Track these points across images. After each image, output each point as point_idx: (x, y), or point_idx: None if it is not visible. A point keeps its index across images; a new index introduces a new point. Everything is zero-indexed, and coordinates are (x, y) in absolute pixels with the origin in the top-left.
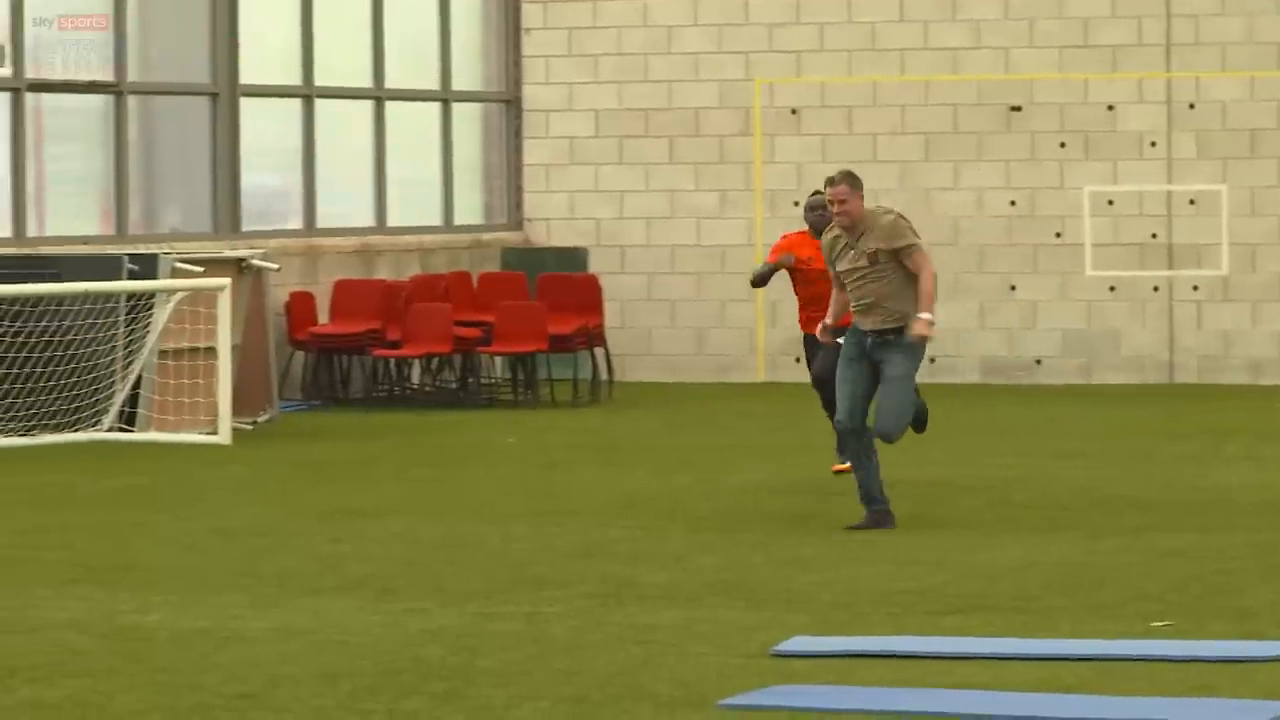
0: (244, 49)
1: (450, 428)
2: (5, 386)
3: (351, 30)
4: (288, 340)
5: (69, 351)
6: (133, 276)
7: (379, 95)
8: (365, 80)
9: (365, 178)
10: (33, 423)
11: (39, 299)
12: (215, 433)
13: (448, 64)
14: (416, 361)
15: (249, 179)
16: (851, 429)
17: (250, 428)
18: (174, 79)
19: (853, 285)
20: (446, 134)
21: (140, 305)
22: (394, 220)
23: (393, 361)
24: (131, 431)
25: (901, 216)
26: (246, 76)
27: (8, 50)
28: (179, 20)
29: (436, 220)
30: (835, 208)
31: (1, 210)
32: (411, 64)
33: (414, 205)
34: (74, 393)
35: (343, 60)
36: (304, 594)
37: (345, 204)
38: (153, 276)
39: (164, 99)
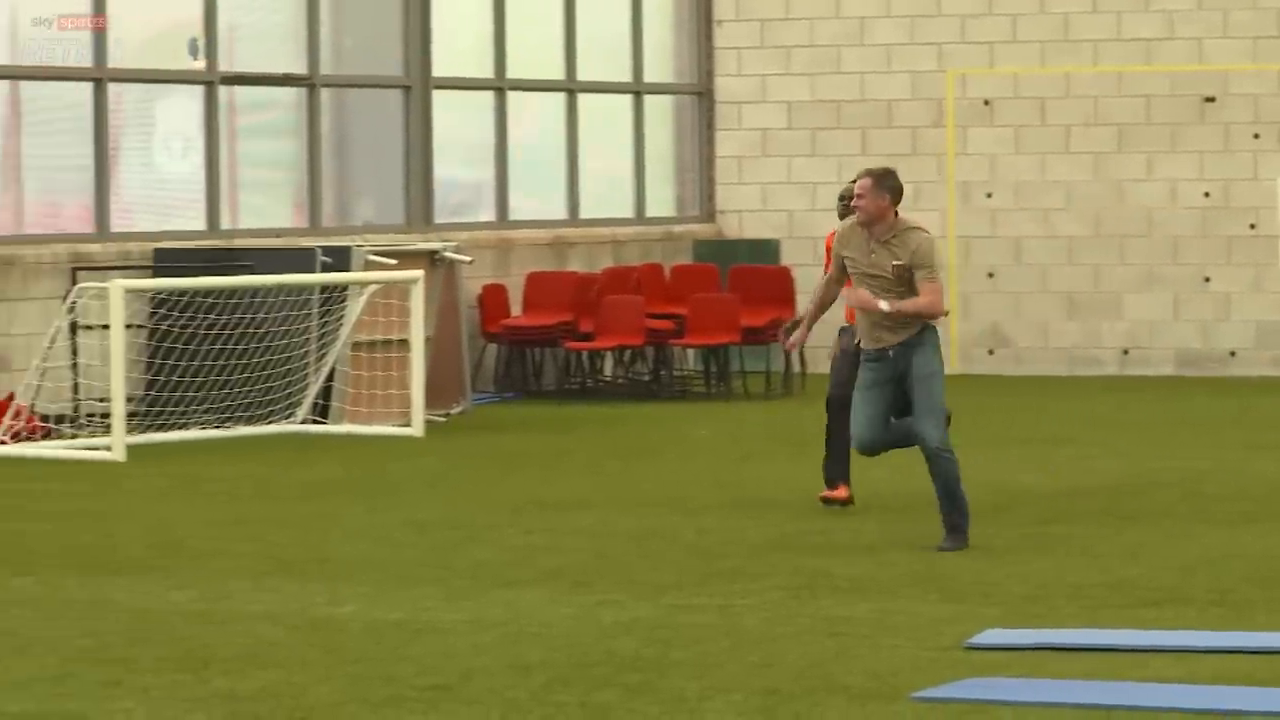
0: (436, 42)
1: (642, 420)
2: (200, 379)
3: (544, 23)
4: (480, 333)
5: (263, 344)
6: (326, 269)
7: (571, 88)
8: (557, 73)
9: (558, 170)
10: (227, 415)
11: (233, 292)
12: (408, 425)
13: (640, 56)
14: (609, 354)
15: (441, 171)
16: (871, 442)
17: (443, 420)
18: (367, 72)
19: (862, 284)
20: (639, 126)
21: (333, 298)
22: (587, 213)
23: (585, 354)
24: (325, 424)
25: (932, 240)
26: (439, 69)
27: (201, 44)
28: (372, 13)
29: (629, 212)
30: (855, 201)
31: (196, 203)
32: (603, 56)
33: (606, 198)
34: (268, 385)
35: (535, 53)
36: (497, 586)
37: (538, 196)
38: (346, 269)
39: (357, 92)
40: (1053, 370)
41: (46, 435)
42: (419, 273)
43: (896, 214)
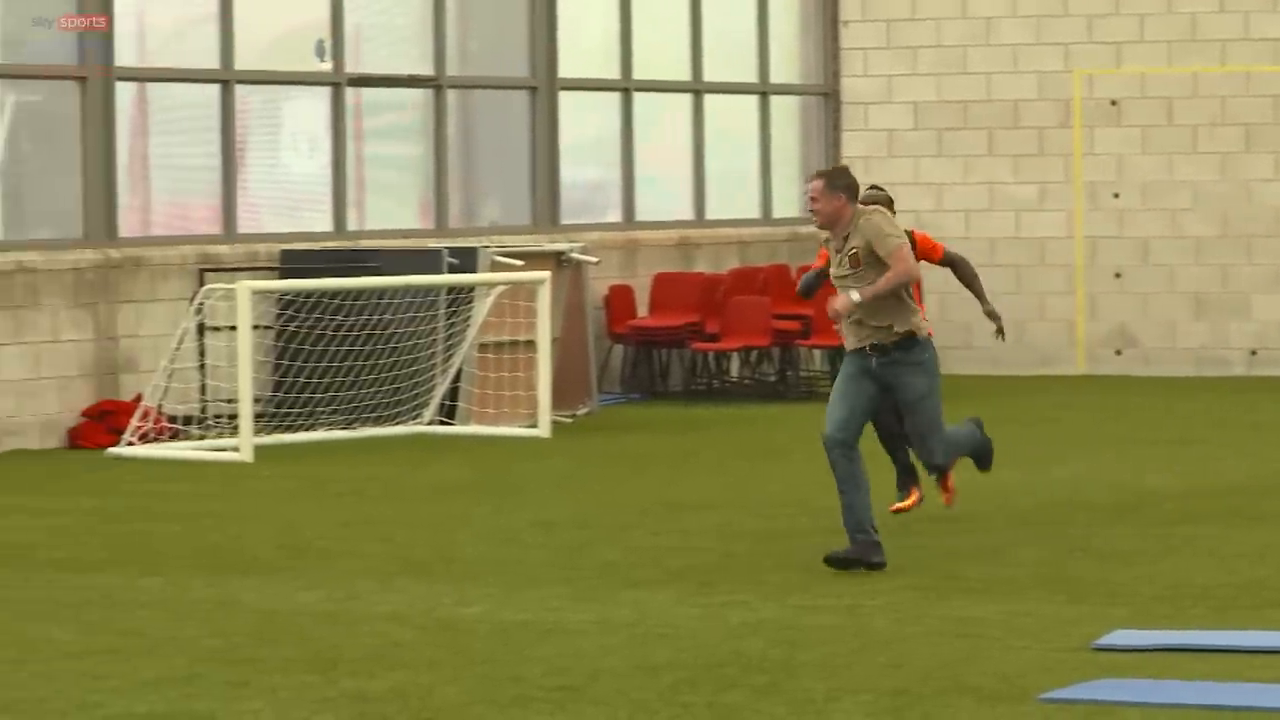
0: (563, 43)
1: (768, 421)
2: (328, 380)
3: (670, 23)
4: (607, 333)
5: (390, 345)
6: (453, 270)
7: (697, 88)
8: (684, 74)
9: (684, 171)
10: (355, 416)
11: (360, 293)
12: (535, 426)
13: (766, 57)
14: (735, 354)
15: (568, 172)
16: (841, 441)
17: (570, 421)
18: (493, 73)
19: (841, 286)
20: (765, 127)
21: (460, 299)
22: (712, 213)
23: (711, 354)
24: (452, 425)
25: (882, 212)
26: (565, 70)
27: (328, 45)
28: (498, 14)
29: (755, 213)
30: (810, 205)
31: (323, 204)
32: (729, 57)
33: (732, 198)
34: (395, 386)
35: (661, 54)
36: (624, 587)
37: (664, 197)
38: (472, 270)
39: (483, 93)
40: (1180, 371)
41: (174, 436)
42: (545, 274)
43: (855, 211)
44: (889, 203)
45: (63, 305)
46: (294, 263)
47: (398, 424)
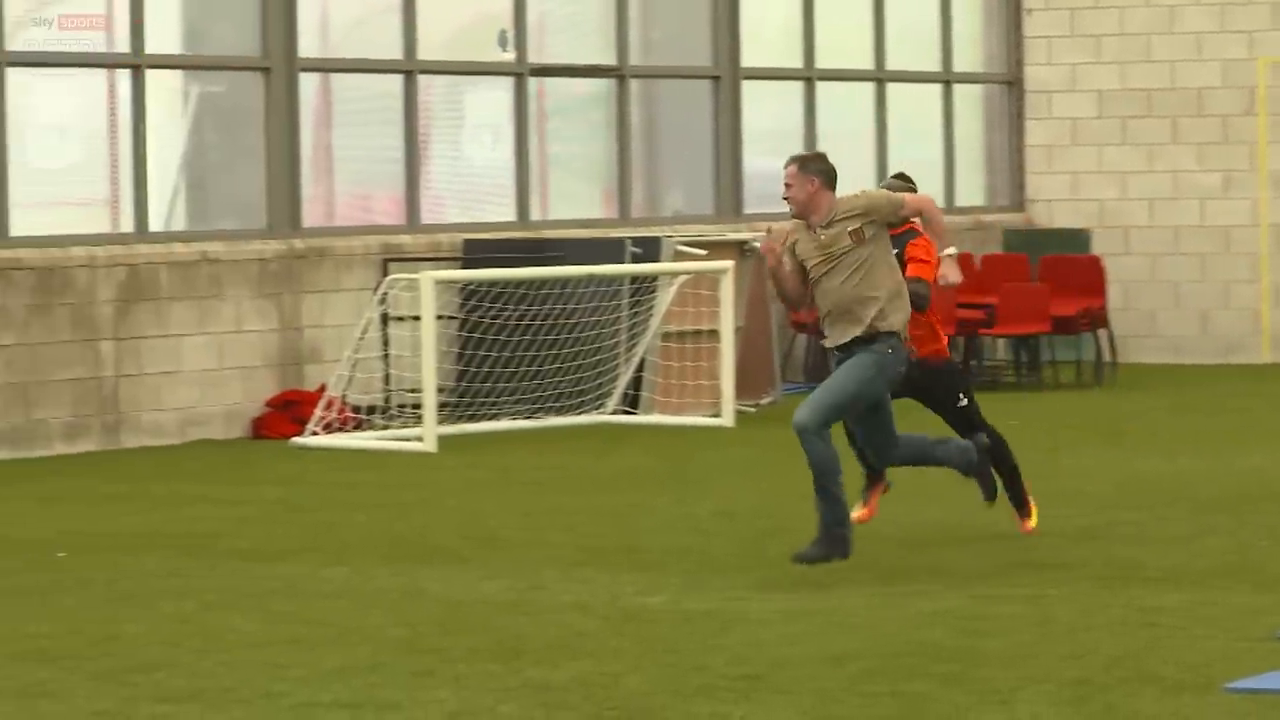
0: (745, 32)
1: None
2: (511, 370)
3: (852, 12)
4: (789, 323)
5: (573, 335)
6: (635, 260)
7: (880, 77)
8: (866, 62)
9: (867, 160)
10: (538, 405)
11: (544, 283)
12: (718, 415)
13: (949, 45)
14: None
15: (751, 162)
16: (805, 426)
17: (753, 410)
18: (675, 62)
19: (824, 279)
20: (948, 115)
21: (643, 288)
22: None
23: None
24: (635, 414)
25: (864, 190)
26: (748, 60)
27: (510, 36)
28: (680, 4)
29: (939, 202)
30: (785, 193)
31: (506, 194)
32: (912, 46)
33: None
34: (578, 376)
35: (843, 42)
36: (807, 576)
37: (847, 185)
38: (655, 259)
39: (666, 82)
40: None
41: (358, 426)
42: (728, 263)
43: (832, 198)
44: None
45: (247, 296)
46: (477, 252)
47: (581, 414)
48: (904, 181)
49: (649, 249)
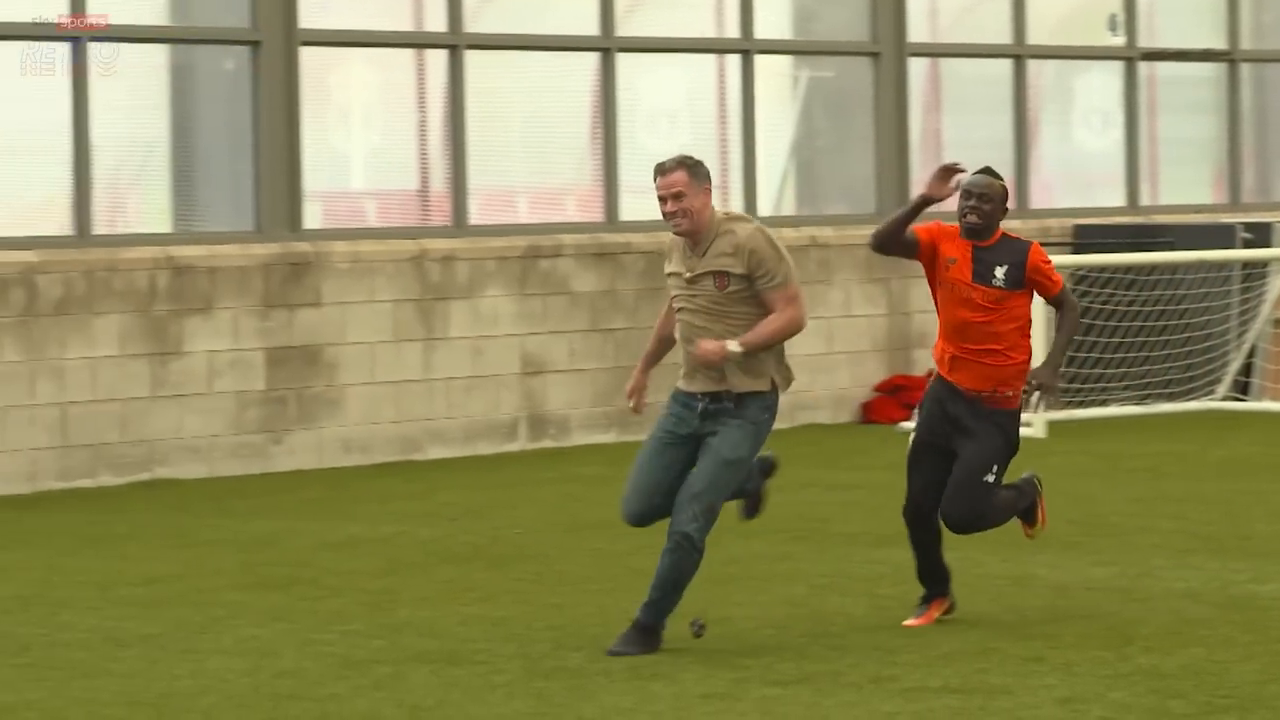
0: None
1: None
2: (1120, 355)
3: None
4: None
5: (1182, 321)
6: (1246, 245)
7: None
8: None
9: None
10: (1146, 391)
11: (1153, 268)
12: None
13: None
14: None
15: None
16: (641, 515)
17: None
18: None
19: (684, 316)
20: None
21: (1254, 274)
22: None
23: None
24: (1245, 401)
25: (764, 231)
26: None
27: (1121, 20)
28: None
29: None
30: (668, 205)
31: (1115, 179)
32: None
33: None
34: (1187, 362)
35: None
36: None
37: None
38: (1267, 245)
39: (1278, 66)
40: None
41: None
42: None
43: (716, 216)
44: (1004, 196)
45: (855, 280)
46: (1088, 238)
47: (1191, 400)
48: (992, 177)
49: (1260, 234)
